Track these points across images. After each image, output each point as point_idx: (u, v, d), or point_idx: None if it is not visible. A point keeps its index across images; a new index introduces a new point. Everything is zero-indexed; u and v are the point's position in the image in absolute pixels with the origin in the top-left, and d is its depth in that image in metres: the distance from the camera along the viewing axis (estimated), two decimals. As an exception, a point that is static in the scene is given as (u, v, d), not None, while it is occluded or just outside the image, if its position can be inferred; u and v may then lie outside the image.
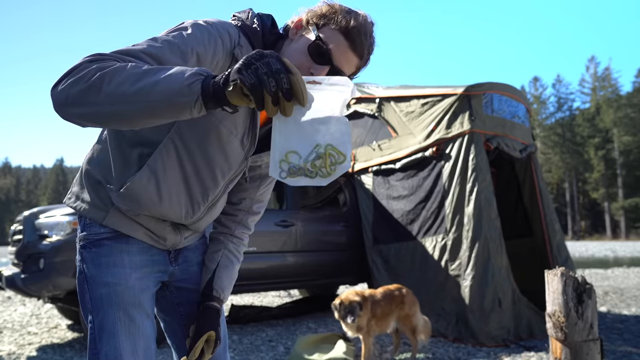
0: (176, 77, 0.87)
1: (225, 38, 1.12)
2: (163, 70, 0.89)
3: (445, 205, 4.78)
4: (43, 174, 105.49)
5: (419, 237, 4.99)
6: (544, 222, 5.33)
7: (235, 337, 4.55)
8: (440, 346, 4.23)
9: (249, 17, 1.22)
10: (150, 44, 1.02)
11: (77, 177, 1.27)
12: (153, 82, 0.87)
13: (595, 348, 1.63)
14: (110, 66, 0.89)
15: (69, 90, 0.89)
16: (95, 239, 1.19)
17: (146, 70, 0.89)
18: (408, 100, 5.32)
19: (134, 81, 0.87)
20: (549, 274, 1.69)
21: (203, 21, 1.12)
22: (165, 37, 1.05)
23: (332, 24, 1.14)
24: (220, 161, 1.21)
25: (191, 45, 1.06)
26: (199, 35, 1.08)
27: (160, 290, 1.35)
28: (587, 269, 12.98)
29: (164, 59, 1.01)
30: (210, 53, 1.09)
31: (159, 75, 0.88)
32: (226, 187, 1.29)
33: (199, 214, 1.27)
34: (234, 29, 1.16)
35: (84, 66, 0.91)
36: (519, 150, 5.14)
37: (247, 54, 1.09)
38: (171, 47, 1.03)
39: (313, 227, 5.57)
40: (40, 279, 4.06)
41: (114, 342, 1.14)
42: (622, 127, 51.77)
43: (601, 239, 51.42)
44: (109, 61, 0.92)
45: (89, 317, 1.18)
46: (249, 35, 1.18)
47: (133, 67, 0.90)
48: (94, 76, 0.88)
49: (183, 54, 1.04)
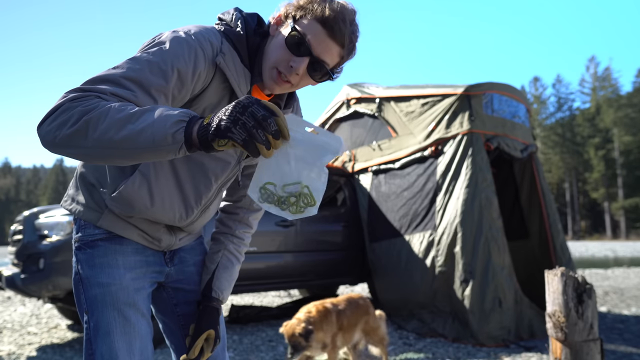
0: (160, 125, 0.87)
1: (207, 47, 1.10)
2: (147, 114, 0.89)
3: (437, 202, 4.78)
4: (43, 174, 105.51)
5: (410, 232, 4.99)
6: (547, 222, 5.32)
7: (235, 337, 4.55)
8: (440, 346, 4.23)
9: (232, 19, 1.20)
10: (130, 67, 1.00)
11: (72, 179, 1.28)
12: (138, 130, 0.87)
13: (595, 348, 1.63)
14: (93, 108, 0.89)
15: (56, 133, 0.90)
16: (89, 240, 1.21)
17: (130, 115, 0.89)
18: (408, 100, 5.32)
19: (118, 128, 0.88)
20: (549, 274, 1.69)
21: (183, 32, 1.10)
22: (145, 56, 1.03)
23: (308, 14, 1.12)
24: (213, 165, 1.23)
25: (171, 63, 1.04)
26: (178, 49, 1.06)
27: (158, 291, 1.36)
28: (587, 269, 12.98)
29: (146, 82, 1.00)
30: (190, 67, 1.07)
31: (143, 122, 0.88)
32: (219, 190, 1.31)
33: (192, 217, 1.28)
34: (216, 36, 1.14)
35: (66, 106, 0.91)
36: (519, 150, 5.14)
37: (231, 60, 1.13)
38: (151, 68, 1.02)
39: (313, 227, 5.57)
40: (40, 279, 4.06)
41: (109, 341, 1.15)
42: (622, 127, 51.75)
43: (601, 239, 51.41)
44: (91, 98, 0.92)
45: (85, 317, 1.19)
46: (233, 40, 1.16)
47: (117, 112, 0.89)
48: (78, 121, 0.88)
49: (164, 73, 1.03)
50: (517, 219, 5.65)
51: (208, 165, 1.22)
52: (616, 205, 51.71)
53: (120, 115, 0.88)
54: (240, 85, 1.17)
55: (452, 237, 4.54)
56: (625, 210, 50.22)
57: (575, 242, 44.89)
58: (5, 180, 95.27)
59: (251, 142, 0.84)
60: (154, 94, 1.02)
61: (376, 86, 6.04)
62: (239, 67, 1.16)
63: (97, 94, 0.93)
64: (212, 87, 1.15)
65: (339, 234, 5.76)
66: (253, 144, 0.84)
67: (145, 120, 0.88)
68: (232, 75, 1.14)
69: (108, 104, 0.90)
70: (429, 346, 4.23)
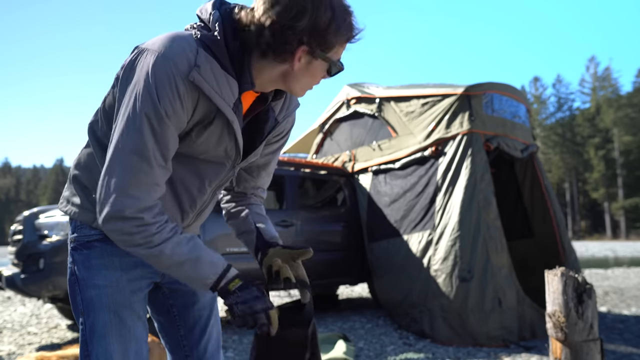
0: (202, 272, 1.10)
1: (183, 68, 1.03)
2: (196, 263, 1.09)
3: (437, 202, 4.78)
4: (43, 174, 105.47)
5: (409, 232, 4.99)
6: (555, 221, 5.32)
7: (235, 337, 4.55)
8: (440, 346, 4.23)
9: (210, 20, 1.10)
10: (139, 151, 1.03)
11: (67, 181, 1.28)
12: (187, 270, 1.10)
13: (595, 348, 1.63)
14: (161, 242, 1.06)
15: (132, 239, 1.05)
16: (85, 241, 1.20)
17: (184, 261, 1.09)
18: (408, 100, 5.32)
19: (177, 264, 1.09)
20: (549, 274, 1.69)
21: (155, 57, 1.03)
22: (140, 125, 1.02)
23: (337, 39, 1.08)
24: (208, 170, 1.21)
25: (161, 129, 1.03)
26: (154, 96, 1.02)
27: (154, 291, 1.35)
28: (587, 269, 12.98)
29: (153, 151, 1.04)
30: (177, 104, 1.04)
31: (192, 268, 1.10)
32: (214, 194, 1.29)
33: (187, 221, 1.27)
34: (191, 48, 1.05)
35: (147, 229, 1.05)
36: (520, 150, 5.14)
37: (209, 71, 1.05)
38: (155, 137, 1.03)
39: (313, 227, 5.57)
40: (40, 279, 4.06)
41: (104, 344, 1.15)
42: (622, 127, 51.73)
43: (601, 239, 51.39)
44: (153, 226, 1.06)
45: (80, 318, 1.19)
46: (211, 47, 1.06)
47: (175, 252, 1.08)
48: (154, 247, 1.06)
49: (161, 136, 1.04)
50: (521, 218, 5.65)
51: (203, 170, 1.20)
52: (616, 205, 51.69)
53: (179, 259, 1.09)
54: (224, 95, 1.08)
55: (450, 237, 4.54)
56: (625, 210, 50.21)
57: (575, 242, 44.66)
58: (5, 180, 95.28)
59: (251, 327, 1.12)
60: (166, 163, 1.08)
61: (376, 86, 6.04)
62: (219, 77, 1.07)
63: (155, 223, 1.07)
64: (200, 102, 1.09)
65: (339, 234, 5.76)
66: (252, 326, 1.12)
67: (195, 268, 1.10)
68: (210, 89, 1.06)
69: (171, 244, 1.07)
70: (429, 346, 4.23)
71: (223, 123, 1.12)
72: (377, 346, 4.26)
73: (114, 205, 1.01)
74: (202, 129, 1.12)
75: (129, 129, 1.02)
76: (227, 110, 1.09)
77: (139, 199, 1.02)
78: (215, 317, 1.41)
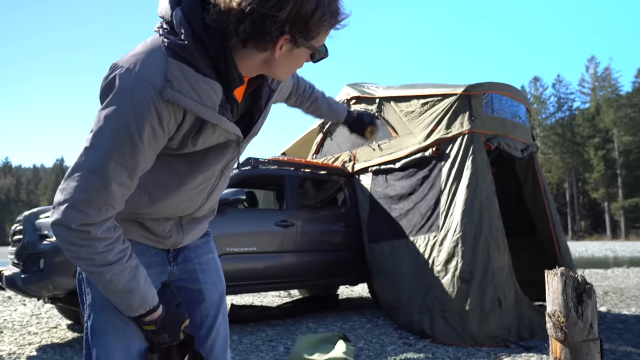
0: (130, 303, 1.13)
1: (159, 83, 0.98)
2: (134, 292, 1.11)
3: (441, 203, 4.78)
4: (43, 174, 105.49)
5: (414, 234, 4.98)
6: (551, 221, 5.33)
7: (235, 337, 4.55)
8: (440, 346, 4.23)
9: (176, 23, 1.00)
10: (122, 177, 1.01)
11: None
12: (118, 297, 1.11)
13: (595, 348, 1.63)
14: (104, 264, 1.05)
15: (77, 251, 1.03)
16: None
17: (119, 289, 1.09)
18: (408, 100, 5.32)
19: (111, 290, 1.10)
20: (549, 274, 1.69)
21: (131, 87, 0.97)
22: (110, 149, 0.98)
23: (321, 27, 1.01)
24: (213, 158, 1.18)
25: (132, 154, 1.00)
26: (127, 121, 0.98)
27: (161, 289, 1.35)
28: (587, 269, 12.98)
29: (115, 175, 1.00)
30: (158, 128, 1.01)
31: (122, 297, 1.11)
32: (222, 173, 1.26)
33: (199, 204, 1.27)
34: (159, 63, 0.99)
35: (92, 245, 1.03)
36: (520, 150, 5.15)
37: (184, 80, 0.99)
38: (122, 162, 1.00)
39: (313, 227, 5.57)
40: (40, 279, 4.06)
41: (105, 343, 1.16)
42: (622, 127, 51.79)
43: (601, 239, 51.42)
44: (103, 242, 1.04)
45: (85, 317, 1.21)
46: (181, 55, 0.99)
47: (113, 279, 1.07)
48: (96, 267, 1.05)
49: (131, 160, 1.01)
50: (523, 215, 5.66)
51: (207, 161, 1.17)
52: (616, 205, 51.73)
53: (124, 286, 1.10)
54: (205, 101, 1.02)
55: (453, 237, 4.54)
56: (625, 210, 50.25)
57: (575, 242, 44.88)
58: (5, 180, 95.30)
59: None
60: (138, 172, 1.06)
61: (376, 86, 6.04)
62: (196, 83, 1.00)
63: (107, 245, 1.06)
64: (187, 114, 1.05)
65: (339, 234, 5.76)
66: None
67: (133, 296, 1.12)
68: (188, 100, 1.00)
69: (118, 268, 1.07)
70: (429, 346, 4.23)
71: (213, 125, 1.10)
72: (377, 346, 4.27)
73: (63, 214, 0.99)
74: (195, 136, 1.09)
75: (93, 148, 0.99)
76: (210, 115, 1.04)
77: (88, 215, 0.99)
78: (223, 317, 1.40)
